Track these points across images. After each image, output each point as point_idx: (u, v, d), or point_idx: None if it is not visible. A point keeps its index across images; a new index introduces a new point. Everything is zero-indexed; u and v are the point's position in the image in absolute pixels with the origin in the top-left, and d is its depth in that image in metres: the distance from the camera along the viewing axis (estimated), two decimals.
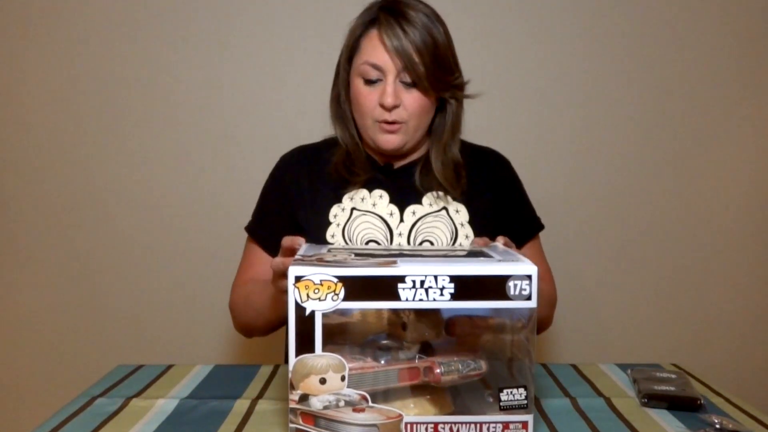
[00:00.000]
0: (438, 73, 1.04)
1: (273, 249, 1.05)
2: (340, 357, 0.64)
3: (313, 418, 0.62)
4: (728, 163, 1.71)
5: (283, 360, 1.24)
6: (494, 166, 1.19)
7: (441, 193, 1.12)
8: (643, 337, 1.74)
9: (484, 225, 1.12)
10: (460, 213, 1.12)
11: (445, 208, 1.11)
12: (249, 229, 1.17)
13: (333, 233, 1.08)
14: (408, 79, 1.04)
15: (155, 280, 1.69)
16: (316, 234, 1.08)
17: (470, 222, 1.11)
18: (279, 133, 1.64)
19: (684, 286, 1.73)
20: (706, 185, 1.71)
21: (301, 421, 0.63)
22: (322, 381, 0.63)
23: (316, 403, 0.63)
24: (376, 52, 1.03)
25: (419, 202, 1.11)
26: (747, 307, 1.75)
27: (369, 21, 1.06)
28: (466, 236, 1.10)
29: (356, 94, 1.07)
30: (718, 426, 0.79)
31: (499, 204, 1.16)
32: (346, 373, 0.63)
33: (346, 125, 1.13)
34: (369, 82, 1.05)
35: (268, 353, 1.47)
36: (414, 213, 1.10)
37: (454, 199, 1.12)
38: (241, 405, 0.86)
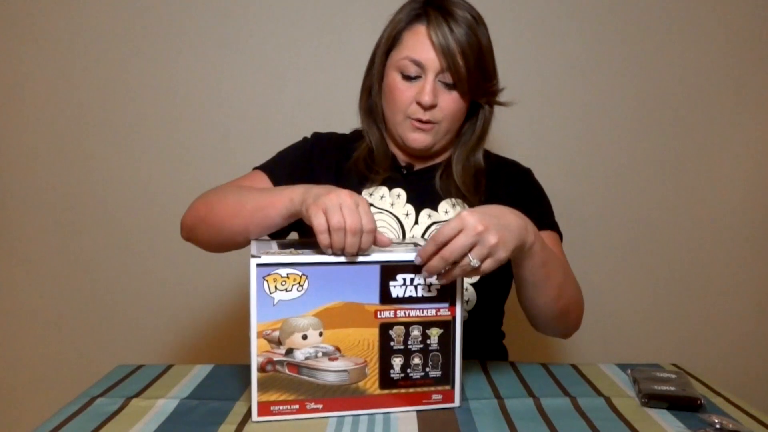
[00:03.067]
0: (479, 77, 1.02)
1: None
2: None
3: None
4: (728, 163, 1.71)
5: None
6: (514, 176, 1.16)
7: (458, 201, 1.09)
8: (643, 337, 1.74)
9: None
10: None
11: None
12: (262, 166, 1.10)
13: None
14: (448, 80, 1.01)
15: (155, 280, 1.69)
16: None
17: None
18: (279, 133, 1.63)
19: (684, 286, 1.73)
20: (705, 185, 1.71)
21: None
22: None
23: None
24: (421, 48, 1.01)
25: (435, 209, 1.09)
26: (747, 307, 1.74)
27: (415, 15, 1.03)
28: None
29: (391, 87, 1.04)
30: (718, 426, 0.79)
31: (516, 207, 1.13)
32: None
33: (374, 119, 1.11)
34: (407, 77, 1.02)
35: None
36: (429, 216, 1.08)
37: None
38: (241, 405, 0.86)
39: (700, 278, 1.73)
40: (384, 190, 1.09)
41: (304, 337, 0.73)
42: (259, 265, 0.76)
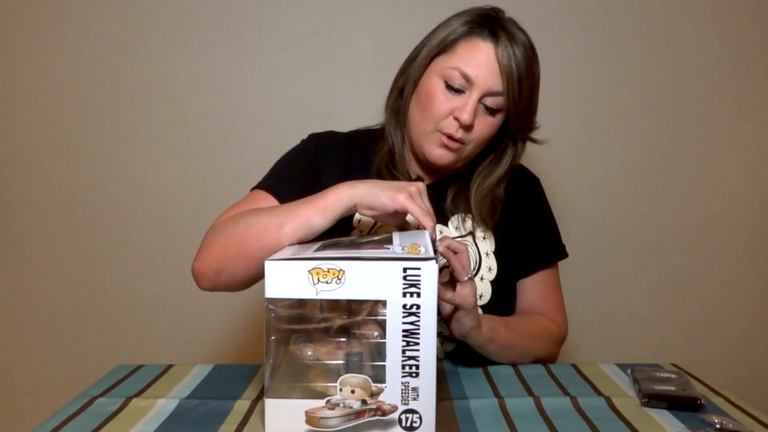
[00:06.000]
0: (526, 108, 0.98)
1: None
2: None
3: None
4: (728, 163, 1.71)
5: None
6: (524, 186, 1.14)
7: (468, 216, 1.06)
8: (643, 337, 1.74)
9: (510, 256, 1.07)
10: (487, 241, 1.06)
11: (471, 233, 1.05)
12: (265, 185, 1.02)
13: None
14: (494, 104, 0.96)
15: (155, 279, 1.69)
16: (338, 235, 0.96)
17: (495, 252, 1.06)
18: (279, 133, 1.64)
19: (684, 286, 1.73)
20: (705, 185, 1.71)
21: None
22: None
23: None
24: (477, 63, 0.95)
25: (445, 224, 1.05)
26: (747, 307, 1.75)
27: (477, 28, 0.97)
28: (489, 268, 1.05)
29: (430, 94, 0.98)
30: (718, 426, 0.79)
31: (524, 229, 1.11)
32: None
33: (399, 121, 1.05)
34: (450, 88, 0.96)
35: None
36: (441, 232, 1.04)
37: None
38: (241, 405, 0.86)
39: (700, 278, 1.73)
40: None
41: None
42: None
